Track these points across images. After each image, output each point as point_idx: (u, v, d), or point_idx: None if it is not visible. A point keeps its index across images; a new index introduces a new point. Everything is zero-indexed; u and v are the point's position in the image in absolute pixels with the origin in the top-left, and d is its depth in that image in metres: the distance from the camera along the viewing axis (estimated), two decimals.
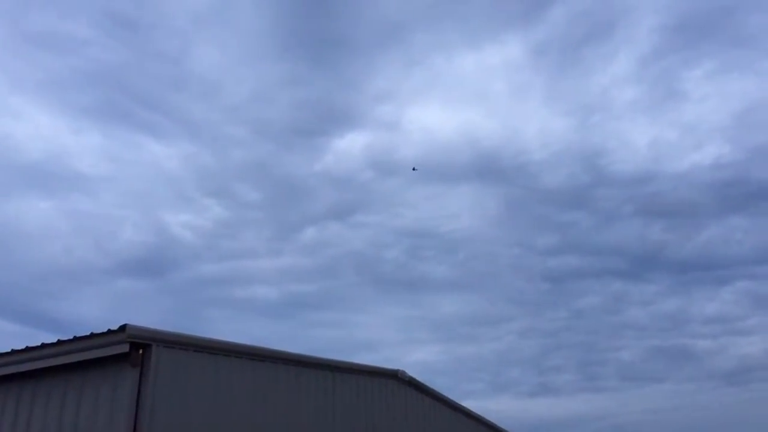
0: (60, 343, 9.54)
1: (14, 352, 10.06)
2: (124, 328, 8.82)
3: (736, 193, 62.64)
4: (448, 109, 72.59)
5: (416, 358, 56.53)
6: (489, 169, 67.65)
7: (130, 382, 8.93)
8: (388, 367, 15.75)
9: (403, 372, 16.26)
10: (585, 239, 65.78)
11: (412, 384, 16.90)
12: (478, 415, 21.77)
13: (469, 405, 21.20)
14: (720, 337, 59.03)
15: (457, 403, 19.87)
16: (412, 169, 55.75)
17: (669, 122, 67.71)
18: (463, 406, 20.45)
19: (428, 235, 67.92)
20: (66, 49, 58.64)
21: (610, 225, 66.29)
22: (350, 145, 68.03)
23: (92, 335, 9.17)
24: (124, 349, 8.87)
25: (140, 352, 9.00)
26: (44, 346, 9.72)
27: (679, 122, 67.00)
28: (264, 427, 10.99)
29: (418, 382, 17.09)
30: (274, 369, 11.55)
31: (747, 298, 60.24)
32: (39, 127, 58.28)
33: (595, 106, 67.72)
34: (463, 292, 67.45)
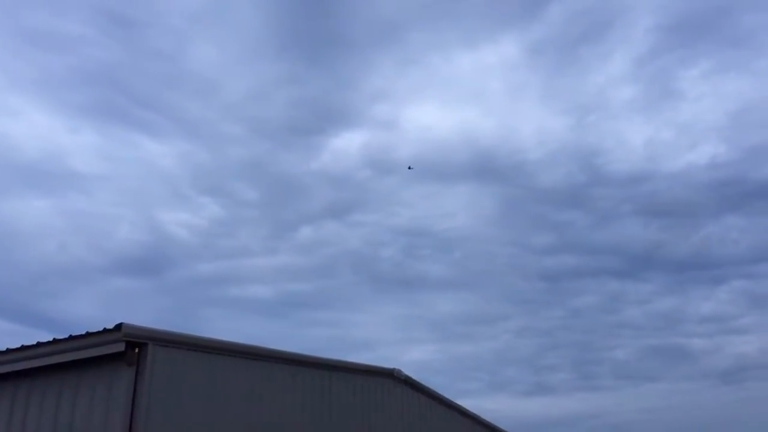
0: (55, 341, 9.53)
1: (9, 351, 10.04)
2: (119, 327, 8.80)
3: (732, 193, 62.67)
4: (445, 109, 72.39)
5: (412, 357, 56.51)
6: (486, 168, 67.58)
7: (126, 382, 8.91)
8: (384, 366, 15.77)
9: (399, 371, 16.27)
10: (581, 238, 65.73)
11: (408, 383, 16.92)
12: (474, 414, 21.80)
13: (465, 404, 21.23)
14: (715, 336, 59.16)
15: (453, 402, 19.89)
16: (408, 167, 55.74)
17: (665, 122, 67.68)
18: (459, 405, 20.47)
19: (425, 234, 67.87)
20: (62, 47, 58.29)
21: (607, 224, 66.29)
22: (347, 144, 67.86)
23: (88, 334, 9.16)
24: (120, 348, 8.86)
25: (136, 351, 8.99)
26: (40, 345, 9.70)
27: (675, 122, 66.99)
28: (260, 426, 10.99)
29: (414, 381, 17.11)
30: (270, 368, 11.55)
31: (743, 298, 60.35)
32: (35, 126, 57.98)
33: (592, 105, 67.64)
34: (460, 291, 67.42)
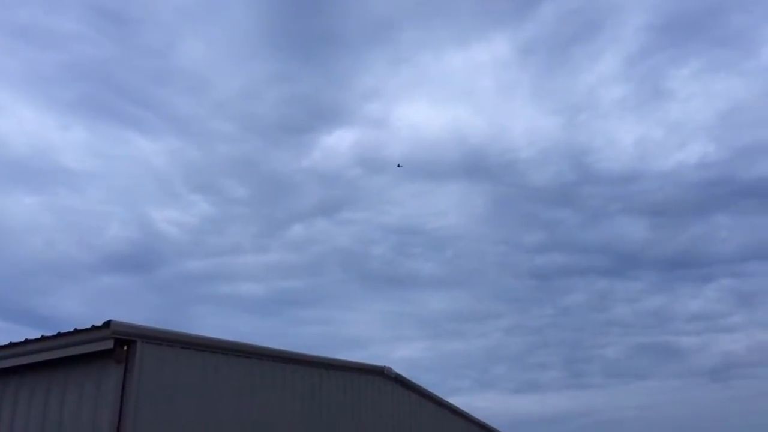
0: (44, 339, 9.47)
1: None
2: (108, 324, 8.76)
3: (720, 192, 63.30)
4: (436, 107, 72.67)
5: (403, 355, 56.71)
6: (476, 166, 67.86)
7: (115, 379, 8.87)
8: (375, 364, 15.78)
9: (390, 368, 16.30)
10: (571, 237, 66.19)
11: (399, 380, 16.94)
12: (464, 412, 21.87)
13: (456, 401, 21.32)
14: (704, 334, 59.71)
15: (443, 400, 19.95)
16: (397, 165, 55.81)
17: (655, 121, 68.21)
18: (449, 403, 20.54)
19: (415, 233, 68.09)
20: (51, 43, 58.03)
21: (597, 223, 66.76)
22: (338, 142, 67.93)
23: (76, 331, 9.11)
24: (109, 345, 8.82)
25: (125, 348, 8.94)
26: (28, 342, 9.64)
27: (665, 121, 67.54)
28: (250, 424, 10.97)
29: (404, 378, 17.14)
30: (261, 366, 11.53)
31: (731, 296, 60.98)
32: (24, 122, 57.70)
33: (582, 104, 68.10)
34: (450, 289, 67.69)
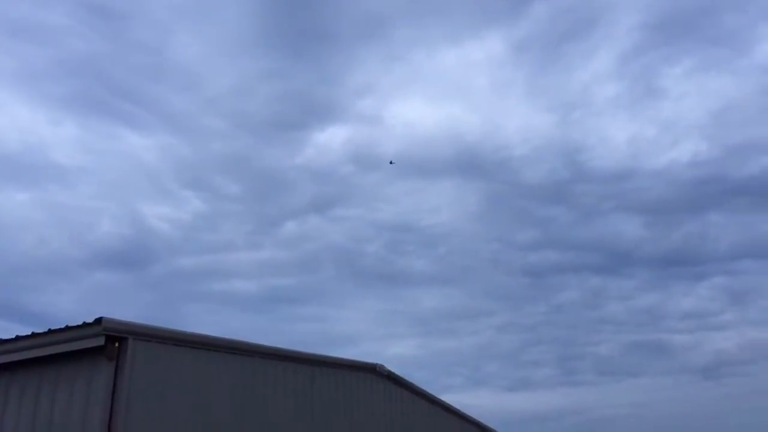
0: (34, 335, 9.41)
1: None
2: (99, 321, 8.71)
3: (712, 190, 63.58)
4: (430, 104, 72.70)
5: (395, 352, 56.76)
6: (470, 164, 67.92)
7: (106, 376, 8.83)
8: (367, 361, 15.78)
9: (382, 366, 16.30)
10: (565, 234, 66.38)
11: (391, 378, 16.95)
12: (457, 409, 21.90)
13: (448, 399, 21.35)
14: (696, 332, 60.05)
15: (435, 397, 19.97)
16: (389, 162, 55.70)
17: (648, 119, 68.48)
18: (441, 400, 20.56)
19: (409, 230, 68.12)
20: (43, 38, 57.68)
21: (590, 221, 66.96)
22: (331, 139, 67.87)
23: (67, 328, 9.06)
24: (100, 342, 8.77)
25: (116, 345, 8.90)
26: (18, 338, 9.59)
27: (658, 119, 67.81)
28: (243, 421, 10.95)
29: (396, 376, 17.15)
30: (253, 363, 11.50)
31: (723, 294, 61.33)
32: (16, 118, 57.39)
33: (576, 102, 68.26)
34: (443, 287, 67.73)
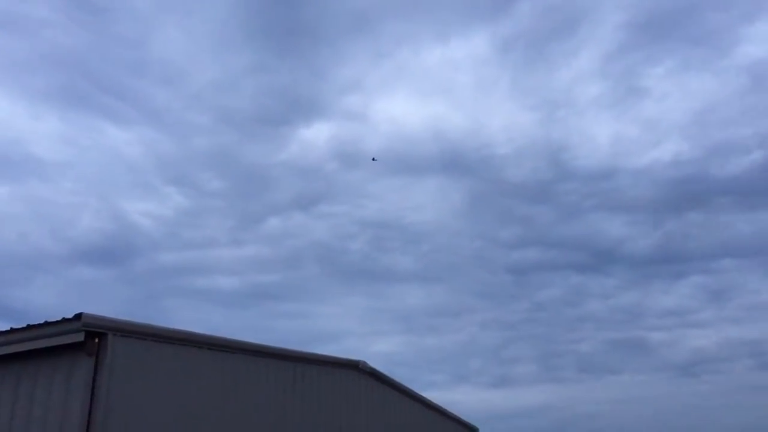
0: (13, 331, 9.35)
1: None
2: (79, 317, 8.67)
3: (693, 190, 64.17)
4: (415, 102, 72.61)
5: (378, 349, 56.74)
6: (454, 162, 67.99)
7: (85, 372, 8.79)
8: (350, 358, 15.81)
9: (365, 363, 16.34)
10: (547, 233, 66.68)
11: (374, 375, 16.99)
12: (439, 406, 22.00)
13: (431, 396, 21.45)
14: (675, 330, 60.63)
15: (417, 394, 20.05)
16: (372, 159, 55.63)
17: (631, 119, 68.82)
18: (423, 397, 20.65)
19: (392, 227, 68.06)
20: (24, 31, 56.88)
21: (572, 219, 67.27)
22: (315, 135, 67.60)
23: (47, 323, 9.01)
24: (80, 338, 8.74)
25: (96, 341, 8.87)
26: None
27: (640, 119, 68.19)
28: (224, 418, 10.93)
29: (379, 372, 17.19)
30: (235, 359, 11.49)
31: (702, 292, 61.88)
32: None
33: (560, 101, 68.51)
34: (427, 284, 67.79)
